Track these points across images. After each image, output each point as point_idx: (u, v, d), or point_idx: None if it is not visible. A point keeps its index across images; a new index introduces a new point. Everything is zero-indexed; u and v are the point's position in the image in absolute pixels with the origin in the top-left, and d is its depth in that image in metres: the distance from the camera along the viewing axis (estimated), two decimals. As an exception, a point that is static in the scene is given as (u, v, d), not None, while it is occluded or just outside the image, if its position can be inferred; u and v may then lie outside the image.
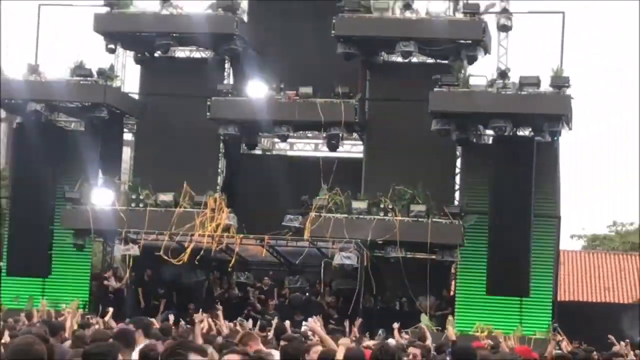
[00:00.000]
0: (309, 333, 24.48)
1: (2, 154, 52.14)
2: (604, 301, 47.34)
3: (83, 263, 34.40)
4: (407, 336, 22.52)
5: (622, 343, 21.94)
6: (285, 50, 35.70)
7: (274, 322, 21.56)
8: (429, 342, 19.35)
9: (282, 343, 13.03)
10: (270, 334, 18.88)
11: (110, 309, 24.14)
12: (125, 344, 11.09)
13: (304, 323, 28.49)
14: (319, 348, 13.35)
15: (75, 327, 19.06)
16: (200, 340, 16.39)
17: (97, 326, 20.55)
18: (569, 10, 34.77)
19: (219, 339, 15.81)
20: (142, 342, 12.97)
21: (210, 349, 9.71)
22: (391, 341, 21.25)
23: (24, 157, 34.51)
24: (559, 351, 21.68)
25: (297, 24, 35.73)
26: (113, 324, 20.90)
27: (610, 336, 22.57)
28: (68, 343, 14.49)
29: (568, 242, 71.02)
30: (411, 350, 14.29)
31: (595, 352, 20.34)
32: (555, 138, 32.48)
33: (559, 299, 36.53)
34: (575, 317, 32.83)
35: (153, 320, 18.62)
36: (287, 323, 20.31)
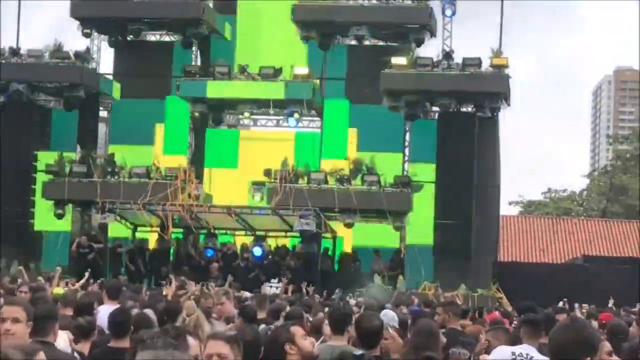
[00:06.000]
0: (267, 291, 24.56)
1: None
2: (539, 261, 47.62)
3: (63, 231, 33.95)
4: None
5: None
6: (248, 33, 35.62)
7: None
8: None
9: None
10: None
11: (87, 273, 23.84)
12: None
13: (266, 283, 28.68)
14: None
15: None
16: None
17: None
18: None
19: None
20: (108, 304, 12.57)
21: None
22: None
23: (7, 133, 33.98)
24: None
25: (259, 10, 35.69)
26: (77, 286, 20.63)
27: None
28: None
29: (506, 208, 71.71)
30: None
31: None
32: (495, 114, 32.63)
33: (499, 259, 36.67)
34: (514, 277, 32.93)
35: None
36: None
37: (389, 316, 12.02)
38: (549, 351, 5.12)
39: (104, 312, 11.29)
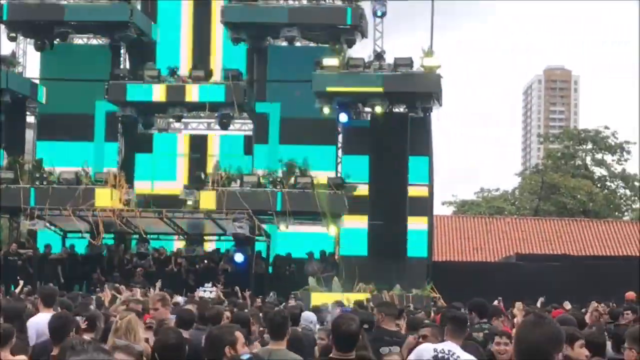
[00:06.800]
0: (199, 296, 24.68)
1: None
2: (473, 260, 48.23)
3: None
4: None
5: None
6: (178, 35, 35.64)
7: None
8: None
9: None
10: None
11: (21, 282, 23.78)
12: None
13: (200, 288, 28.74)
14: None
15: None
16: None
17: None
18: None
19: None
20: (44, 312, 12.52)
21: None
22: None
23: None
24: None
25: (190, 11, 35.75)
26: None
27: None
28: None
29: (440, 208, 72.48)
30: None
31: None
32: (428, 114, 33.07)
33: (434, 259, 37.14)
34: (449, 276, 33.39)
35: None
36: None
37: (307, 319, 12.13)
38: (516, 351, 4.99)
39: (40, 320, 11.37)
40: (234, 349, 7.28)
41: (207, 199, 31.05)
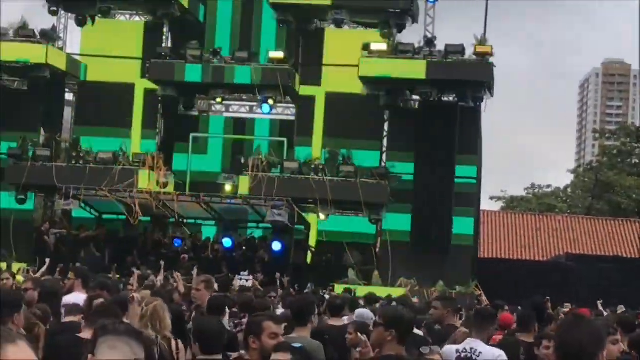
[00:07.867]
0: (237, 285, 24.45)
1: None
2: (521, 258, 47.67)
3: (25, 217, 33.60)
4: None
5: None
6: (222, 15, 35.39)
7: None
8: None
9: None
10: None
11: (47, 261, 23.74)
12: None
13: (237, 276, 28.53)
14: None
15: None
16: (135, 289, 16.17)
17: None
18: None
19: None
20: (79, 292, 12.62)
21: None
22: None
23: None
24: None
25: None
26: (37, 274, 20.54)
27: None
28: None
29: (488, 203, 71.79)
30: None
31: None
32: (478, 104, 32.48)
33: (479, 256, 36.67)
34: (495, 273, 32.93)
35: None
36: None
37: (365, 316, 11.70)
38: (558, 353, 4.93)
39: (75, 300, 11.51)
40: (259, 339, 7.12)
41: (246, 185, 30.81)
